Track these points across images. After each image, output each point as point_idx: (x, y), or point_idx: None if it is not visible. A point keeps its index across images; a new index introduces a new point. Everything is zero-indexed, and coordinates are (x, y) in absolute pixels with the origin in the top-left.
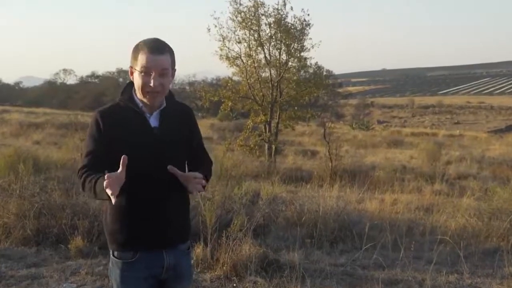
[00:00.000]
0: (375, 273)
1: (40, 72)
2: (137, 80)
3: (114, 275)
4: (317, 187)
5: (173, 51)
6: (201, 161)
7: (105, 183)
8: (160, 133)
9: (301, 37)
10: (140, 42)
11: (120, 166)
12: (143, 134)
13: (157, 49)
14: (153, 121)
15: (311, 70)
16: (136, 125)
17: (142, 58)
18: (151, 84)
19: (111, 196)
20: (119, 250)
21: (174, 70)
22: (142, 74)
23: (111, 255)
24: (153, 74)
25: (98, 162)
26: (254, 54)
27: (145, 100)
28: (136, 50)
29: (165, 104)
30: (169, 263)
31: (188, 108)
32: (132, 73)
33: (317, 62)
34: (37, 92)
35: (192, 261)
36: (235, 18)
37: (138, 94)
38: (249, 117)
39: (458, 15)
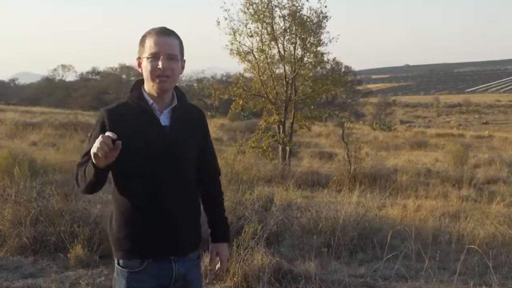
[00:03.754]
0: (397, 284)
1: (37, 68)
2: (145, 67)
3: (119, 286)
4: (335, 192)
5: (181, 40)
6: (214, 186)
7: (99, 139)
8: (171, 132)
9: (317, 31)
10: (147, 31)
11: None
12: (153, 134)
13: (165, 32)
14: (164, 120)
15: (328, 66)
16: (145, 124)
17: (149, 43)
18: (160, 67)
19: (95, 153)
20: (125, 258)
21: (183, 61)
22: (150, 59)
23: (116, 264)
24: (161, 57)
25: None
26: (267, 49)
27: (154, 88)
28: (143, 38)
29: (176, 102)
30: (178, 273)
31: (201, 111)
32: (140, 65)
33: (335, 57)
34: (33, 90)
35: (203, 271)
36: (246, 10)
37: (147, 84)
38: (261, 117)
39: (487, 6)
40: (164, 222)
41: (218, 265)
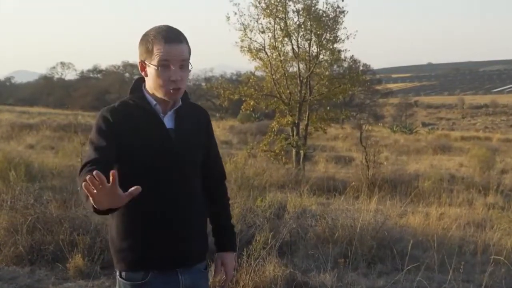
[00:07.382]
0: None
1: (35, 66)
2: (153, 77)
3: None
4: (352, 199)
5: (187, 39)
6: (218, 188)
7: (84, 183)
8: (177, 135)
9: (334, 26)
10: (150, 31)
11: (112, 181)
12: (157, 136)
13: (174, 38)
14: (168, 122)
15: (345, 65)
16: (149, 127)
17: (158, 50)
18: (173, 79)
19: (88, 199)
20: (127, 270)
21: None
22: (160, 69)
23: (117, 277)
24: (173, 68)
25: (109, 158)
26: (280, 46)
27: (165, 97)
28: (147, 41)
29: (180, 103)
30: (184, 285)
31: (205, 112)
32: (143, 68)
33: (352, 55)
34: (31, 89)
35: (209, 283)
36: (258, 5)
37: (156, 92)
38: (273, 118)
39: None
40: (170, 231)
41: (223, 277)
